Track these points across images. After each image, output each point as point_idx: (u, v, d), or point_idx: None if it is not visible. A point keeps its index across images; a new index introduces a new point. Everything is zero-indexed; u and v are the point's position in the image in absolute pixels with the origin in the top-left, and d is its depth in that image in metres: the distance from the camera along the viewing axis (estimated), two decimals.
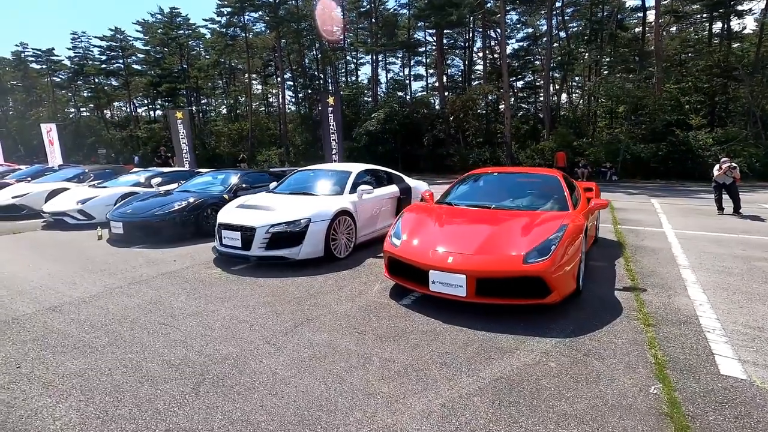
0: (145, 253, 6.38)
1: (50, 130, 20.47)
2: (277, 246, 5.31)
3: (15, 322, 3.81)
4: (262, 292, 4.57)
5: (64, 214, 8.57)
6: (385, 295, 4.44)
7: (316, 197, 6.16)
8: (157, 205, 7.32)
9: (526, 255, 3.66)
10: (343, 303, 4.20)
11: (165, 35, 41.90)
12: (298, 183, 6.90)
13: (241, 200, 6.32)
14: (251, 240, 5.28)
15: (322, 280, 4.97)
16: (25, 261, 6.05)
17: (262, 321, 3.77)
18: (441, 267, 3.77)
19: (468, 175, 6.01)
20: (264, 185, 8.63)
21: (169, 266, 5.64)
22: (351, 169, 6.88)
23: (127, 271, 5.46)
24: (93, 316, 3.92)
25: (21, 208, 10.02)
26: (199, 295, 4.49)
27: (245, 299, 4.33)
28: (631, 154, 21.87)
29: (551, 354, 3.09)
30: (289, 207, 5.65)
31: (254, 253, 5.31)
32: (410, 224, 4.52)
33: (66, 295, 4.54)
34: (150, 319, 3.85)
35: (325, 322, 3.74)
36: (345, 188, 6.36)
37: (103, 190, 9.20)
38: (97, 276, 5.24)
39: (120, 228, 6.98)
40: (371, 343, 3.31)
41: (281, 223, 5.30)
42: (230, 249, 5.46)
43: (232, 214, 5.67)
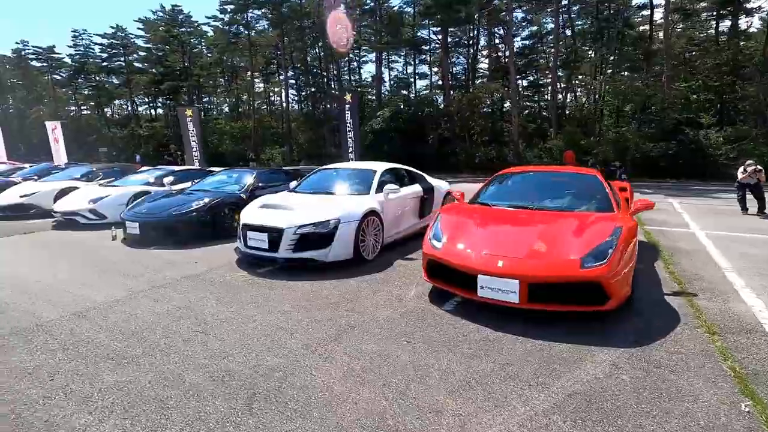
0: (164, 255, 6.17)
1: (55, 128, 20.21)
2: (306, 247, 5.10)
3: (40, 329, 3.60)
4: (295, 296, 4.36)
5: (75, 214, 8.36)
6: (424, 299, 4.24)
7: (342, 197, 5.96)
8: (173, 204, 7.11)
9: (582, 259, 3.46)
10: (383, 308, 4.00)
11: (167, 33, 41.58)
12: (321, 182, 6.70)
13: (263, 200, 6.11)
14: (278, 241, 5.07)
15: (355, 283, 4.76)
16: (40, 263, 5.84)
17: (301, 328, 3.57)
18: (491, 271, 3.57)
19: (500, 174, 5.81)
20: (280, 184, 8.44)
21: (191, 268, 5.43)
22: (375, 167, 6.67)
23: (148, 273, 5.25)
24: (122, 323, 3.72)
25: (29, 207, 9.81)
26: (230, 299, 4.29)
27: (279, 304, 4.13)
28: (641, 153, 21.68)
29: (620, 366, 2.89)
30: (316, 207, 5.45)
31: (282, 255, 5.10)
32: (450, 225, 4.32)
33: (89, 299, 4.33)
34: (183, 326, 3.64)
35: (368, 329, 3.54)
36: (371, 188, 6.16)
37: (115, 189, 8.98)
38: (118, 279, 5.03)
39: (136, 228, 6.77)
40: (424, 353, 3.11)
41: (309, 224, 5.10)
42: (256, 251, 5.26)
43: (257, 215, 5.47)
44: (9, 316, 3.90)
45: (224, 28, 37.70)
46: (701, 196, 13.30)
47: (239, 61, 44.14)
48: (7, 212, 9.82)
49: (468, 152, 26.63)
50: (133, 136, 46.35)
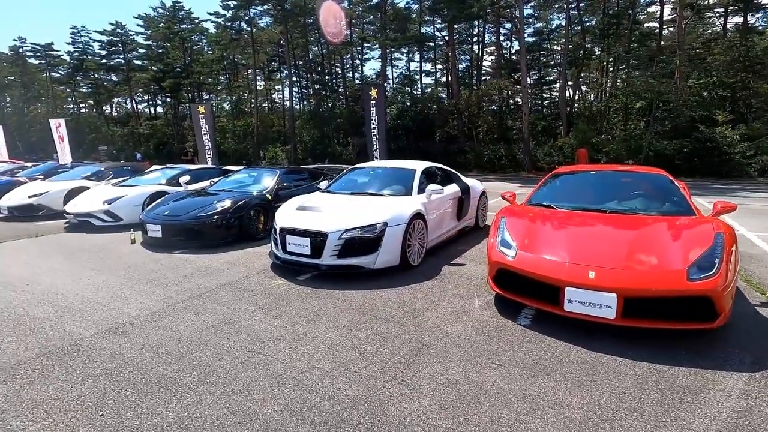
0: (191, 260, 5.77)
1: (59, 125, 19.69)
2: (351, 254, 4.71)
3: (76, 350, 3.20)
4: (349, 308, 3.97)
5: (89, 215, 7.95)
6: (492, 311, 3.85)
7: (383, 198, 5.57)
8: (196, 206, 6.70)
9: (687, 270, 3.08)
10: (452, 323, 3.62)
11: (168, 29, 41.00)
12: (357, 182, 6.31)
13: (298, 201, 5.71)
14: (322, 247, 4.68)
15: (409, 293, 4.38)
16: (59, 269, 5.43)
17: (370, 348, 3.18)
18: (581, 283, 3.18)
19: (555, 174, 5.43)
20: (304, 184, 8.06)
21: (224, 275, 5.04)
22: (415, 166, 6.29)
23: (179, 281, 4.85)
24: (165, 341, 3.32)
25: (39, 208, 9.39)
26: (278, 312, 3.89)
27: (335, 318, 3.74)
28: (654, 151, 21.35)
29: (754, 395, 2.52)
30: (359, 210, 5.05)
31: (326, 262, 4.71)
32: (521, 231, 3.93)
33: (122, 312, 3.93)
34: (234, 344, 3.25)
35: (446, 348, 3.15)
36: (412, 188, 5.77)
37: (129, 189, 8.56)
38: (148, 287, 4.63)
39: (158, 231, 6.36)
40: (521, 379, 2.72)
41: (355, 227, 4.71)
42: (296, 257, 4.86)
43: (297, 218, 5.07)
44: (39, 333, 3.50)
45: (227, 24, 37.13)
46: (726, 195, 12.93)
47: (241, 58, 43.60)
48: (15, 213, 9.40)
49: (477, 150, 26.23)
50: (133, 134, 45.82)
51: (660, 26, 28.09)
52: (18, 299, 4.31)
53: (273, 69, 45.55)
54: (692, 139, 20.38)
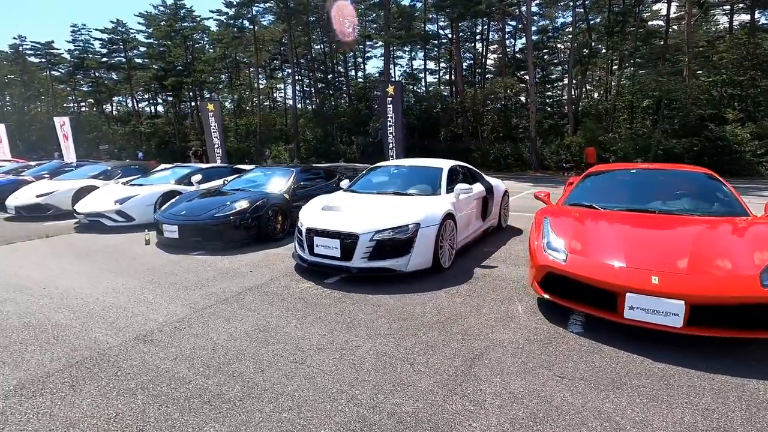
0: (210, 262, 5.57)
1: (63, 123, 19.43)
2: (382, 256, 4.51)
3: (105, 360, 3.00)
4: (387, 314, 3.77)
5: (100, 215, 7.74)
6: (538, 317, 3.66)
7: (411, 198, 5.37)
8: (213, 206, 6.50)
9: (761, 276, 2.88)
10: (499, 330, 3.42)
11: (169, 27, 40.73)
12: (380, 181, 6.11)
13: (322, 201, 5.51)
14: (352, 249, 4.48)
15: (446, 297, 4.18)
16: (75, 272, 5.22)
17: (420, 358, 2.98)
18: (644, 289, 2.99)
19: (592, 172, 5.24)
20: (321, 183, 7.86)
21: (248, 279, 4.84)
22: (440, 165, 6.09)
23: (202, 284, 4.65)
24: (199, 350, 3.12)
25: (47, 208, 9.17)
26: (313, 318, 3.69)
27: (374, 325, 3.54)
28: (664, 150, 21.16)
29: None
30: (389, 210, 4.85)
31: (356, 265, 4.51)
32: (568, 233, 3.74)
33: (149, 318, 3.73)
34: (273, 354, 3.05)
35: (500, 359, 2.96)
36: (440, 187, 5.57)
37: (141, 188, 8.35)
38: (171, 291, 4.43)
39: (175, 232, 6.16)
40: (591, 394, 2.53)
41: (387, 229, 4.51)
42: (325, 259, 4.66)
43: (324, 219, 4.86)
44: (64, 342, 3.30)
45: (229, 22, 36.88)
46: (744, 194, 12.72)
47: (242, 56, 43.36)
48: (23, 213, 9.19)
49: (482, 149, 26.03)
50: (134, 133, 45.57)
51: (666, 24, 27.89)
52: (36, 304, 4.11)
53: (274, 68, 45.33)
54: (702, 137, 20.19)
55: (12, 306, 4.08)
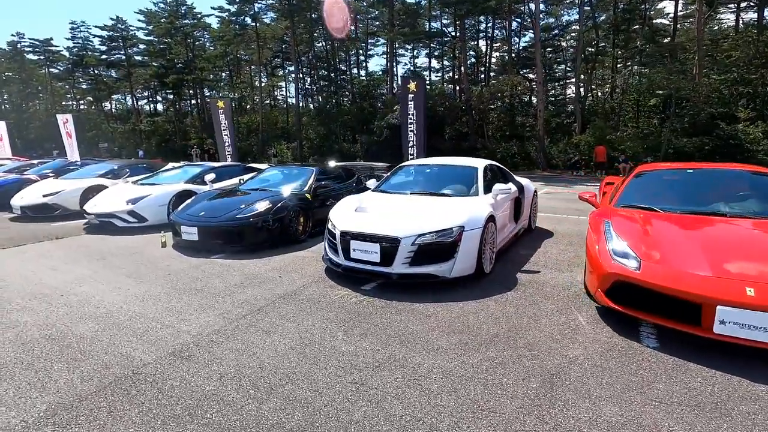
0: (234, 266, 5.27)
1: (66, 121, 19.05)
2: (425, 261, 4.22)
3: (142, 380, 2.70)
4: (439, 325, 3.48)
5: (112, 216, 7.43)
6: (605, 329, 3.37)
7: (448, 199, 5.08)
8: (234, 206, 6.20)
9: None
10: (568, 345, 3.13)
11: (170, 25, 40.28)
12: (411, 181, 5.82)
13: (352, 202, 5.21)
14: (393, 253, 4.19)
15: (497, 307, 3.89)
16: (92, 277, 4.92)
17: (491, 378, 2.69)
18: (738, 302, 2.71)
19: (640, 172, 4.95)
20: (341, 182, 7.57)
21: (279, 285, 4.54)
22: (475, 164, 5.81)
23: (230, 291, 4.35)
24: (245, 369, 2.82)
25: (54, 208, 8.85)
26: (361, 330, 3.40)
27: (429, 338, 3.25)
28: (674, 149, 20.92)
29: None
30: (428, 212, 4.57)
31: (397, 270, 4.21)
32: (635, 238, 3.46)
33: (180, 330, 3.43)
34: (328, 373, 2.76)
35: (581, 379, 2.67)
36: (477, 187, 5.29)
37: (153, 188, 8.04)
38: (199, 299, 4.13)
39: (194, 234, 5.86)
40: (700, 423, 2.25)
41: (430, 232, 4.22)
42: (362, 264, 4.36)
43: (360, 221, 4.57)
44: (92, 358, 3.00)
45: (232, 18, 36.48)
46: None
47: (244, 54, 42.95)
48: (29, 213, 8.87)
49: (489, 148, 25.75)
50: (134, 131, 45.15)
51: (674, 22, 27.66)
52: (56, 314, 3.81)
53: (275, 65, 44.96)
54: (713, 136, 19.96)
55: (30, 316, 3.77)
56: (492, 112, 27.12)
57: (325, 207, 6.96)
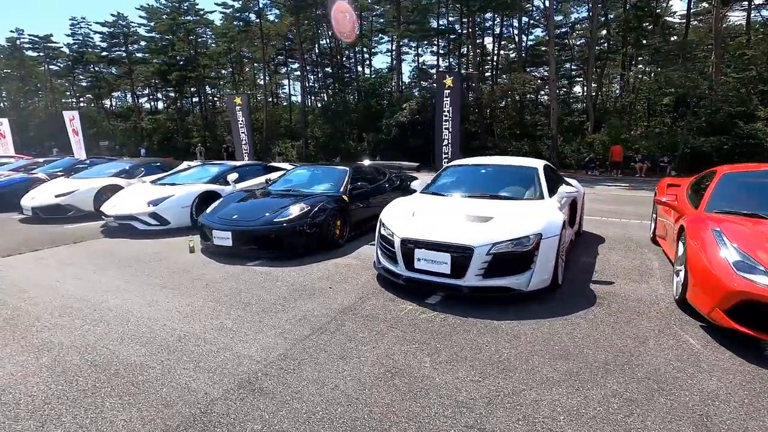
0: (276, 275, 4.84)
1: (73, 118, 18.53)
2: (499, 273, 3.80)
3: (215, 422, 2.27)
4: (535, 349, 3.06)
5: (132, 218, 6.98)
6: (726, 354, 2.96)
7: (513, 202, 4.66)
8: (268, 209, 5.76)
9: None
10: (696, 374, 2.71)
11: (172, 21, 39.70)
12: (465, 182, 5.38)
13: (407, 206, 4.79)
14: (466, 264, 3.76)
15: (588, 325, 3.47)
16: (124, 287, 4.47)
17: (630, 421, 2.28)
18: None
19: (728, 173, 4.52)
20: (375, 184, 7.14)
21: (333, 297, 4.12)
22: (534, 164, 5.40)
23: (282, 305, 3.92)
24: (334, 406, 2.39)
25: (67, 209, 8.39)
26: (447, 355, 2.98)
27: (532, 366, 2.83)
28: (691, 148, 20.54)
29: None
30: (497, 217, 4.14)
31: (469, 283, 3.79)
32: (758, 249, 3.02)
33: (240, 354, 3.00)
34: (435, 413, 2.34)
35: (740, 425, 2.24)
36: (541, 190, 4.87)
37: (174, 188, 7.59)
38: (250, 315, 3.70)
39: (227, 239, 5.42)
40: None
41: (506, 240, 3.79)
42: (429, 276, 3.94)
43: (424, 227, 4.14)
44: (148, 391, 2.56)
45: (236, 15, 35.94)
46: None
47: (247, 51, 42.40)
48: (40, 214, 8.41)
49: (499, 147, 25.33)
50: (135, 129, 44.60)
51: (687, 19, 27.26)
52: (93, 333, 3.37)
53: (278, 63, 44.40)
54: (732, 135, 19.58)
55: (64, 335, 3.33)
56: (502, 111, 26.68)
57: (360, 209, 6.55)
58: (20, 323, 3.57)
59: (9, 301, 4.08)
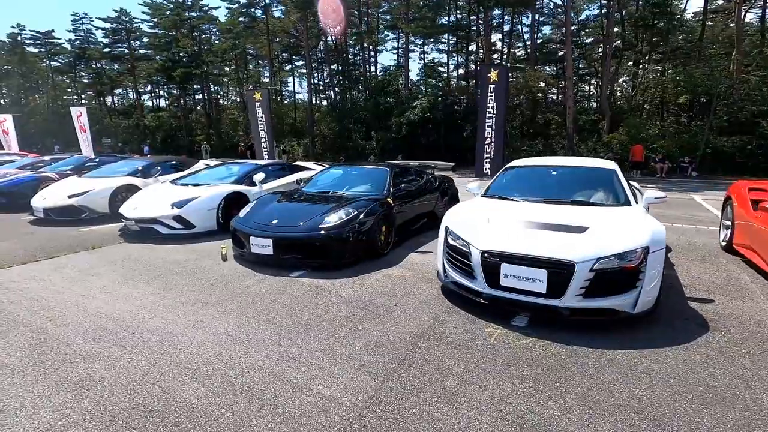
0: (326, 288, 4.32)
1: (80, 114, 17.95)
2: (602, 292, 3.28)
3: None
4: (677, 392, 2.55)
5: (155, 222, 6.45)
6: None
7: (601, 209, 4.14)
8: (310, 214, 5.23)
9: None
10: None
11: (176, 17, 39.09)
12: (533, 185, 4.85)
13: (473, 212, 4.27)
14: (566, 282, 3.24)
15: (722, 357, 2.96)
16: (160, 303, 3.95)
17: None
18: None
19: None
20: (416, 185, 6.62)
21: (403, 318, 3.60)
22: (610, 165, 4.87)
23: (350, 330, 3.40)
24: None
25: (81, 211, 7.87)
26: (573, 398, 2.46)
27: (686, 416, 2.32)
28: (712, 148, 20.04)
29: None
30: (592, 227, 3.61)
31: (569, 304, 3.27)
32: None
33: (322, 395, 2.48)
34: None
35: None
36: (626, 194, 4.36)
37: (198, 189, 7.07)
38: (317, 341, 3.18)
39: (268, 247, 4.89)
40: None
41: (612, 255, 3.26)
42: (518, 294, 3.42)
43: (508, 238, 3.61)
44: None
45: (243, 10, 35.35)
46: None
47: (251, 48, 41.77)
48: (52, 216, 7.88)
49: (513, 146, 24.80)
50: (138, 126, 44.03)
51: (704, 16, 26.73)
52: (138, 365, 2.84)
53: (284, 60, 43.79)
54: (757, 135, 19.07)
55: (104, 367, 2.81)
56: (515, 109, 26.13)
57: (401, 213, 6.04)
58: (50, 350, 3.05)
59: (33, 321, 3.55)
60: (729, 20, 28.54)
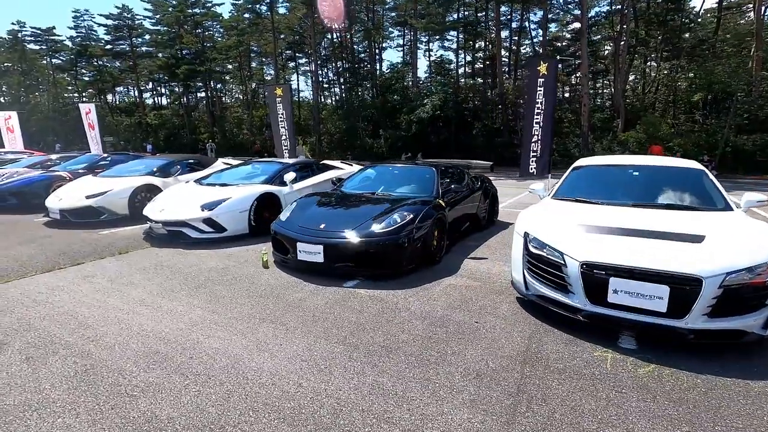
0: (391, 301, 3.89)
1: (89, 111, 17.42)
2: (728, 311, 2.87)
3: None
4: None
5: (184, 225, 6.03)
6: None
7: (703, 214, 3.73)
8: (361, 217, 4.80)
9: None
10: None
11: (180, 13, 38.55)
12: (618, 188, 4.42)
13: (553, 216, 3.85)
14: (691, 300, 2.82)
15: None
16: (212, 321, 3.52)
17: None
18: None
19: None
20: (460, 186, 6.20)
21: (493, 340, 3.18)
22: (695, 165, 4.44)
23: (437, 352, 2.98)
24: None
25: (99, 212, 7.42)
26: None
27: None
28: (732, 147, 19.65)
29: None
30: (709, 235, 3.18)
31: (693, 326, 2.85)
32: None
33: None
34: None
35: None
36: (723, 198, 3.95)
37: (228, 190, 6.63)
38: (407, 368, 2.76)
39: (319, 254, 4.46)
40: None
41: (742, 269, 2.84)
42: (631, 313, 3.00)
43: (613, 247, 3.18)
44: None
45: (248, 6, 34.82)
46: None
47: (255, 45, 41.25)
48: (70, 217, 7.45)
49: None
50: (140, 124, 43.51)
51: (719, 12, 26.31)
52: (209, 400, 2.41)
53: (288, 57, 43.28)
54: None
55: (168, 403, 2.37)
56: None
57: (450, 216, 5.62)
58: (100, 381, 2.62)
59: (73, 342, 3.12)
60: (743, 16, 28.19)
